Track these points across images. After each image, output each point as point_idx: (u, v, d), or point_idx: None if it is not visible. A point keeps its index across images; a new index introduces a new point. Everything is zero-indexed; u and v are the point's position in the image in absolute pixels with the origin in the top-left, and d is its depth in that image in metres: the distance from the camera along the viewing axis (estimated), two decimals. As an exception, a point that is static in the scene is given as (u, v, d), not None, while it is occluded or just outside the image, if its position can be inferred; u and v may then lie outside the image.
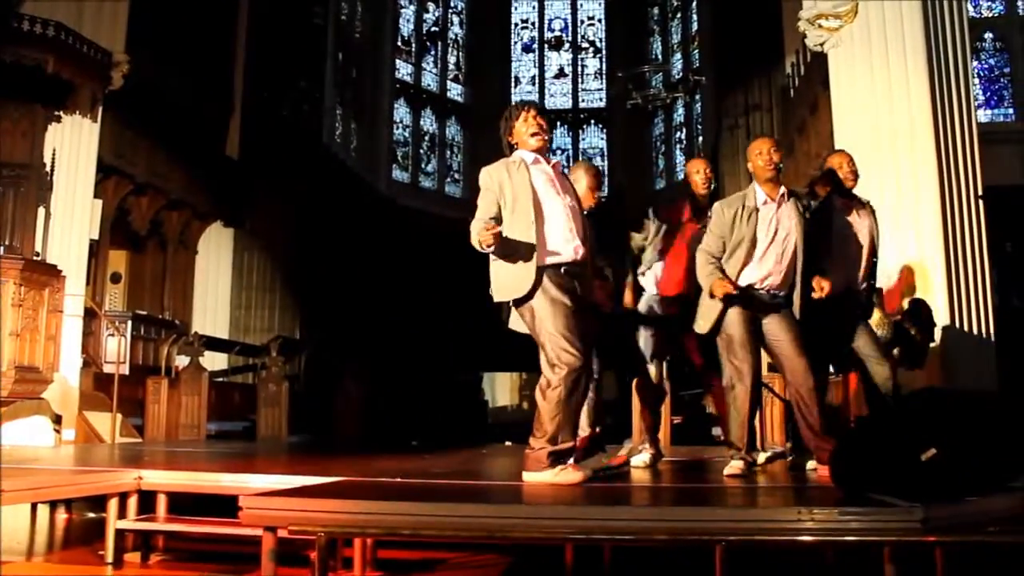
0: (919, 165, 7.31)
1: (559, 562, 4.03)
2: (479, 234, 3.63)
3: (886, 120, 7.44)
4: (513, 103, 4.09)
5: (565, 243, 3.81)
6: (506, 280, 3.78)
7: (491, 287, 3.89)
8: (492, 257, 3.82)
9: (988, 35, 13.30)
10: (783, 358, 4.18)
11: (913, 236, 7.18)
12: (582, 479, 3.63)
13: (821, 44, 7.99)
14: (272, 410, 10.21)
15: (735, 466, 4.14)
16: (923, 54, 7.37)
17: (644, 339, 5.07)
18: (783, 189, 4.27)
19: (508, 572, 4.16)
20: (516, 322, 3.86)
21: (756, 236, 4.18)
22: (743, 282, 4.20)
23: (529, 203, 3.76)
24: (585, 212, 4.13)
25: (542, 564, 4.19)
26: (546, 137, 3.94)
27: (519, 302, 3.76)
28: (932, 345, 6.89)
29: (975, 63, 12.48)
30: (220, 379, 11.53)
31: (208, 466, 4.63)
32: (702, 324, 4.25)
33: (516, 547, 4.28)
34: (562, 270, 3.78)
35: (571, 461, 3.81)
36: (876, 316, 7.41)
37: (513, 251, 3.73)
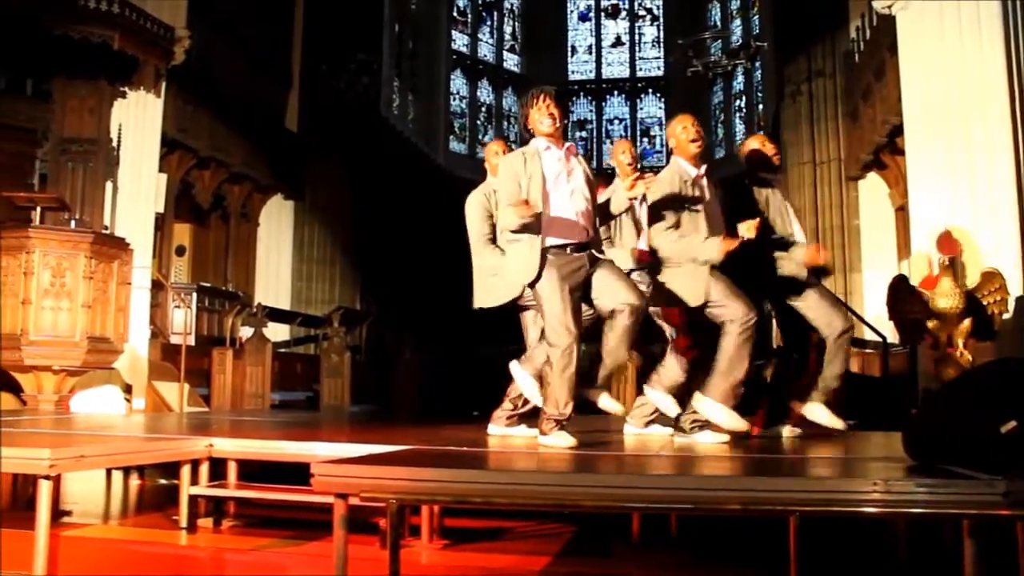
0: (992, 130, 7.09)
1: (625, 531, 4.04)
2: (517, 211, 3.82)
3: (957, 84, 7.23)
4: (531, 90, 4.21)
5: (570, 226, 3.98)
6: (516, 266, 3.99)
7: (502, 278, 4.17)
8: (506, 243, 4.08)
9: (1065, -7, 12.81)
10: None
11: (986, 205, 6.99)
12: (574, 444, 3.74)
13: (889, 6, 7.77)
14: (335, 380, 10.35)
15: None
16: (998, 13, 7.12)
17: None
18: (704, 165, 4.35)
19: (573, 541, 4.18)
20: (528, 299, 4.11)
21: (706, 205, 4.23)
22: None
23: (538, 194, 3.95)
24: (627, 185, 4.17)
25: (607, 533, 4.19)
26: (558, 124, 4.06)
27: (531, 284, 3.94)
28: (1005, 316, 6.73)
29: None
30: (283, 350, 11.71)
31: (275, 434, 4.70)
32: (696, 295, 4.09)
33: (581, 516, 4.29)
34: (568, 251, 3.94)
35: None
36: (947, 285, 7.28)
37: (521, 237, 3.95)
